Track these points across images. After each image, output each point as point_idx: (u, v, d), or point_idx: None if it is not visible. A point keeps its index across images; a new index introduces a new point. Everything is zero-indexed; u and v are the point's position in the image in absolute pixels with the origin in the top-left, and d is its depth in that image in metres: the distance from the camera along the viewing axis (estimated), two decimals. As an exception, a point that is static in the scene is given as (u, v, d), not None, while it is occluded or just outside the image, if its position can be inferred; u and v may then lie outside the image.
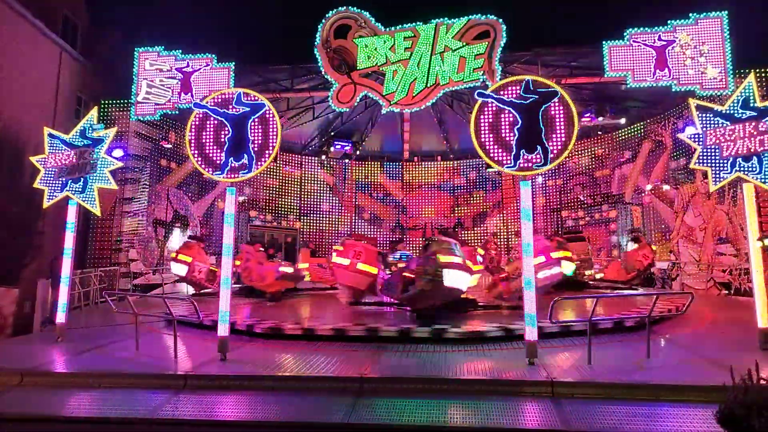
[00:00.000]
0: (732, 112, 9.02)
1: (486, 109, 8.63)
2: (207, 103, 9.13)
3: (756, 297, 8.65)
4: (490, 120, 8.57)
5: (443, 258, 10.34)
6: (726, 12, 14.83)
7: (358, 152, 25.82)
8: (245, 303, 15.14)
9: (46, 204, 10.66)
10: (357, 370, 7.62)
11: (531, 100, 8.45)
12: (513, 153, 8.37)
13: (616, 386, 6.84)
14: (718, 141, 9.03)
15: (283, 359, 8.64)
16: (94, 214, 12.12)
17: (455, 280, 10.43)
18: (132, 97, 17.13)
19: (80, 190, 10.50)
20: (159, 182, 19.61)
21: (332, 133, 25.01)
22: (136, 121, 17.90)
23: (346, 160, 26.34)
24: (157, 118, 17.62)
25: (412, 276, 10.82)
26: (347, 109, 17.85)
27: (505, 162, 8.43)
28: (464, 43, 15.66)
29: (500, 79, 11.01)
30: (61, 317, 10.37)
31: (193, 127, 9.14)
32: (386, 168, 27.17)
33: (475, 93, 8.84)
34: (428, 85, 15.89)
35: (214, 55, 16.92)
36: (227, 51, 17.35)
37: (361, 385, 7.18)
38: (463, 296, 11.47)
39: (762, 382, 2.68)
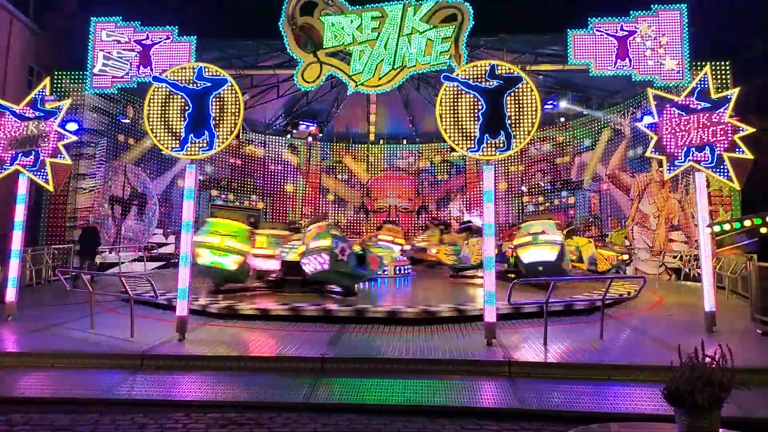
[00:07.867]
0: (688, 102, 9.29)
1: (452, 92, 8.66)
2: (167, 77, 8.88)
3: (704, 282, 9.03)
4: (456, 104, 8.60)
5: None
6: (685, 5, 15.18)
7: (323, 133, 25.57)
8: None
9: (-7, 178, 10.21)
10: (317, 350, 7.64)
11: (496, 85, 8.51)
12: (477, 137, 8.44)
13: (570, 366, 7.06)
14: (673, 131, 9.30)
15: (243, 339, 8.59)
16: (46, 190, 11.68)
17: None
18: (88, 69, 16.43)
19: (31, 164, 10.08)
20: (116, 158, 19.00)
21: (297, 113, 24.66)
22: (92, 94, 17.23)
23: (311, 140, 26.07)
24: (115, 91, 16.98)
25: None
26: (313, 88, 17.60)
27: (469, 146, 8.50)
28: (431, 26, 15.57)
29: (466, 64, 11.03)
30: (11, 294, 9.97)
31: (152, 101, 8.89)
32: (352, 149, 27.02)
33: (441, 76, 8.85)
34: (395, 67, 15.77)
35: (175, 27, 16.34)
36: (189, 24, 16.75)
37: (322, 365, 7.20)
38: None
39: (707, 360, 2.80)
